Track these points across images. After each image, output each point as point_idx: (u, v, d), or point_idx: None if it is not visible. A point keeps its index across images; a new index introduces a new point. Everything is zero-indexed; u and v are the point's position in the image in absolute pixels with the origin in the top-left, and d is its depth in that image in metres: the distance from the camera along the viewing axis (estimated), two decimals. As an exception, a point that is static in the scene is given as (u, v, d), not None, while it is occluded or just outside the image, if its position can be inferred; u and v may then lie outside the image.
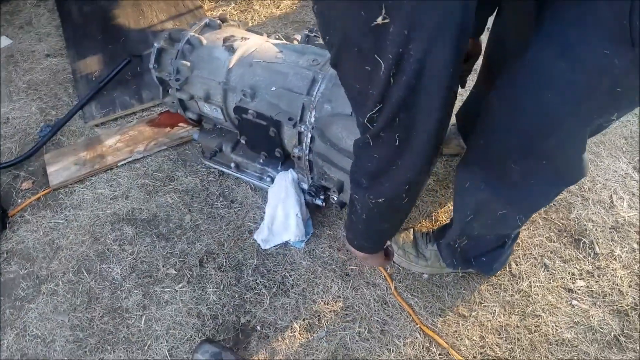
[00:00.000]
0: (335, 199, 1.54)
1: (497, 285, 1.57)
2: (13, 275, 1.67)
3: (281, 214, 1.61)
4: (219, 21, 1.84)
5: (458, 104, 1.79)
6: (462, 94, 1.77)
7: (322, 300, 1.55)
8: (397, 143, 0.81)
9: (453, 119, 1.87)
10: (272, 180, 1.68)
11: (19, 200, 1.91)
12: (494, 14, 1.33)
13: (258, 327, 1.50)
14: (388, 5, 0.64)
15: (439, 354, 1.44)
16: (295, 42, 1.74)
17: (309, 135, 1.45)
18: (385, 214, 1.02)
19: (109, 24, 2.74)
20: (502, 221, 1.25)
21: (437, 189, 1.83)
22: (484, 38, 1.45)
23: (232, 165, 1.80)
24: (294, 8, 2.80)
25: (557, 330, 1.47)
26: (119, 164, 2.02)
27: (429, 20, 0.66)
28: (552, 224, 1.72)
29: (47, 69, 2.55)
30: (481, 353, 1.44)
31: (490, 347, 1.45)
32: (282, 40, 1.76)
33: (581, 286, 1.56)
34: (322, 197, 1.58)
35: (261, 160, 1.71)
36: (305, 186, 1.61)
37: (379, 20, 0.65)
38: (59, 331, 1.52)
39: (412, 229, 1.65)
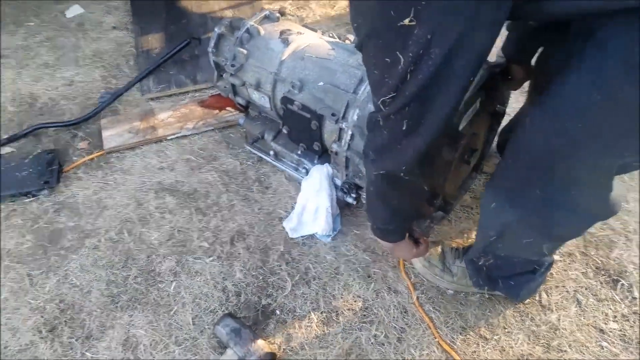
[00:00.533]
0: (367, 198, 1.59)
1: (524, 313, 1.55)
2: (61, 226, 1.81)
3: (312, 206, 1.67)
4: (278, 14, 1.91)
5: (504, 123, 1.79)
6: (510, 114, 1.76)
7: (341, 297, 1.60)
8: (404, 128, 0.89)
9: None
10: (307, 172, 1.74)
11: (74, 158, 2.05)
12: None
13: (277, 312, 1.57)
14: (417, 10, 0.70)
15: (455, 372, 1.44)
16: (348, 42, 1.79)
17: (350, 132, 1.50)
18: (388, 188, 1.09)
19: (174, 5, 2.87)
20: (527, 247, 1.24)
21: (473, 205, 1.83)
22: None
23: (271, 153, 1.88)
24: (348, 9, 2.84)
25: (581, 369, 1.44)
26: (169, 138, 2.13)
27: (453, 32, 0.71)
28: (591, 260, 1.68)
29: (112, 40, 2.71)
30: (498, 378, 1.43)
31: (507, 373, 1.43)
32: (335, 38, 1.81)
33: (614, 328, 1.51)
34: (354, 195, 1.63)
35: (299, 152, 1.78)
36: (339, 182, 1.66)
37: (406, 21, 0.71)
38: (95, 284, 1.64)
39: (441, 243, 1.67)
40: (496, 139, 1.87)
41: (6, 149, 2.07)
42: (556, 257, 1.67)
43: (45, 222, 1.82)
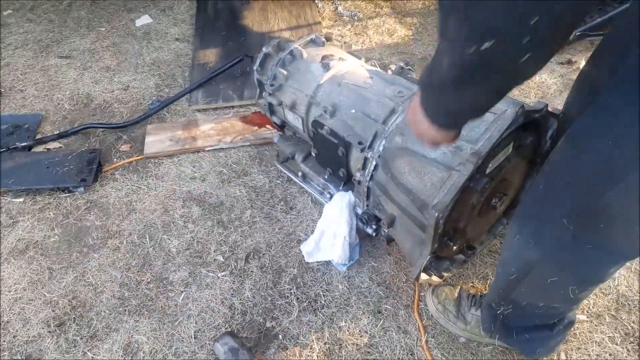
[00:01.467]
0: (385, 232, 1.53)
1: None
2: (89, 224, 1.87)
3: (330, 233, 1.63)
4: (323, 39, 1.92)
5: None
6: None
7: (347, 330, 1.54)
8: None
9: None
10: (331, 197, 1.71)
11: (115, 160, 2.13)
12: None
13: (280, 336, 1.53)
14: None
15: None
16: (389, 72, 1.76)
17: (374, 162, 1.45)
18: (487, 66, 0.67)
19: (235, 22, 2.96)
20: (552, 290, 1.14)
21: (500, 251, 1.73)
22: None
23: (300, 174, 1.86)
24: (406, 39, 2.82)
25: None
26: (206, 149, 2.18)
27: None
28: (620, 324, 1.53)
29: (173, 50, 2.83)
30: None
31: None
32: (376, 67, 1.79)
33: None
34: (374, 226, 1.57)
35: (326, 176, 1.75)
36: (360, 211, 1.62)
37: None
38: (109, 285, 1.67)
39: (459, 287, 1.57)
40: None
41: (55, 144, 2.19)
42: (583, 317, 1.55)
43: (75, 218, 1.89)
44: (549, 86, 2.44)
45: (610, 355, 1.47)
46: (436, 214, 1.15)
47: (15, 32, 3.01)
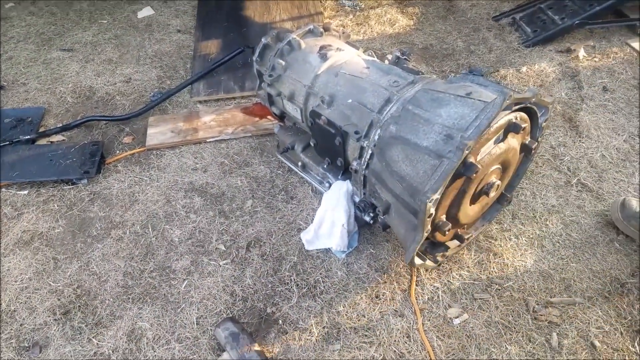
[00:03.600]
0: (381, 219, 1.55)
1: (530, 354, 1.47)
2: (93, 215, 1.91)
3: (328, 221, 1.66)
4: (322, 29, 1.93)
5: None
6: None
7: (346, 314, 1.57)
8: None
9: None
10: (330, 186, 1.74)
11: (117, 152, 2.16)
12: None
13: (280, 321, 1.57)
14: None
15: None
16: (386, 62, 1.78)
17: (370, 151, 1.48)
18: None
19: (237, 13, 2.98)
20: None
21: (498, 237, 1.76)
22: None
23: (300, 164, 1.88)
24: (407, 29, 2.83)
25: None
26: (208, 140, 2.20)
27: None
28: (613, 305, 1.56)
29: (174, 42, 2.85)
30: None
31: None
32: (374, 57, 1.80)
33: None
34: (371, 214, 1.60)
35: (325, 166, 1.77)
36: (357, 199, 1.64)
37: None
38: (113, 274, 1.71)
39: None
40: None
41: (58, 137, 2.23)
42: (579, 299, 1.58)
43: (79, 209, 1.93)
44: (547, 74, 2.45)
45: (604, 333, 1.49)
46: (427, 200, 1.18)
47: (17, 25, 3.04)
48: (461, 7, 2.99)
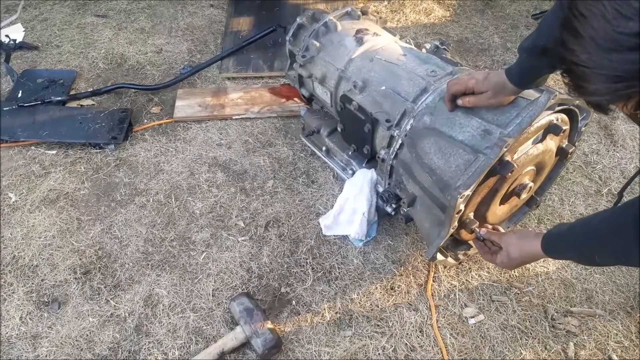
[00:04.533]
0: (405, 211, 1.54)
1: None
2: (118, 180, 1.93)
3: (349, 208, 1.65)
4: (359, 12, 1.90)
5: None
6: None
7: (359, 302, 1.57)
8: None
9: None
10: (354, 173, 1.73)
11: (145, 121, 2.18)
12: None
13: (293, 302, 1.58)
14: None
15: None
16: (424, 51, 1.75)
17: (400, 141, 1.46)
18: None
19: (271, -9, 2.95)
20: None
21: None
22: None
23: (324, 148, 1.88)
24: (443, 20, 2.77)
25: None
26: (234, 117, 2.21)
27: None
28: (634, 321, 1.54)
29: (206, 16, 2.84)
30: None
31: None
32: (411, 45, 1.77)
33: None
34: (393, 205, 1.59)
35: (350, 152, 1.76)
36: (381, 189, 1.63)
37: None
38: (134, 239, 1.74)
39: None
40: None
41: (88, 101, 2.25)
42: (600, 311, 1.56)
43: (105, 174, 1.95)
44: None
45: (623, 348, 1.47)
46: (458, 196, 1.16)
47: (54, -12, 3.05)
48: (500, 2, 2.92)
